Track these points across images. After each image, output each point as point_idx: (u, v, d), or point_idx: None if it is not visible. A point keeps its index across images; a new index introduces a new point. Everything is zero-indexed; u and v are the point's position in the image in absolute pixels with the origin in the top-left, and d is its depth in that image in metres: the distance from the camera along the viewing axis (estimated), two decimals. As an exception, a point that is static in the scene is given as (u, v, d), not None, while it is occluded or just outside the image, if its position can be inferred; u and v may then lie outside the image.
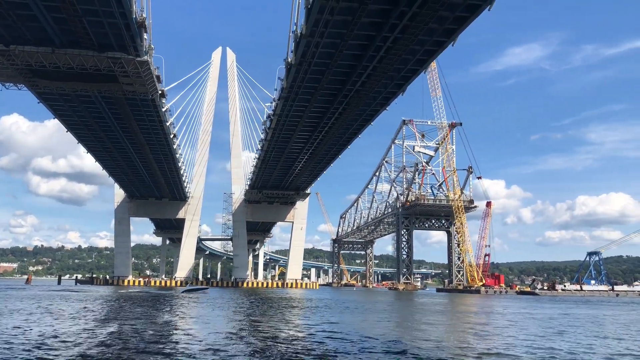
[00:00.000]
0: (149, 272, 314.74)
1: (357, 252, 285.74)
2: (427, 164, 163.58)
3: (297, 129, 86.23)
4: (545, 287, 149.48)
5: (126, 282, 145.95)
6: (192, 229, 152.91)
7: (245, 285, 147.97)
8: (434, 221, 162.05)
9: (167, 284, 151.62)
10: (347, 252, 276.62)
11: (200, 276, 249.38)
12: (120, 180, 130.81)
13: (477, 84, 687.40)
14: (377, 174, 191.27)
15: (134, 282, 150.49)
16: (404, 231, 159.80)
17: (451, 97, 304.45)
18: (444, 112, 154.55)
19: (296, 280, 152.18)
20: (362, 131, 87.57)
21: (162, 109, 78.83)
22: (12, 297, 66.14)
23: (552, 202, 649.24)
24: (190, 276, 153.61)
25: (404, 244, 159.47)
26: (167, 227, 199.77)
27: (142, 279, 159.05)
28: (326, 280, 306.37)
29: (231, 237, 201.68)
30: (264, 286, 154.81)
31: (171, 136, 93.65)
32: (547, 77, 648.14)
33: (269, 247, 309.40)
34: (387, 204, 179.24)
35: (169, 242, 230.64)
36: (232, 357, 20.10)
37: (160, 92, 70.47)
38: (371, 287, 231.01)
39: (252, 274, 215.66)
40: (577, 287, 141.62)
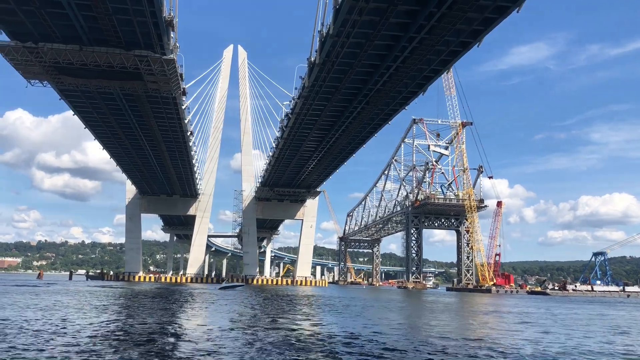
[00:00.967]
0: (152, 268, 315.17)
1: (361, 251, 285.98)
2: (437, 162, 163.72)
3: (314, 127, 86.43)
4: (556, 287, 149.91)
5: (137, 278, 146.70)
6: (202, 226, 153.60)
7: (255, 282, 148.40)
8: (443, 220, 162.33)
9: (177, 280, 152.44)
10: (350, 250, 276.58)
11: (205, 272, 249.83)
12: (133, 176, 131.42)
13: (481, 83, 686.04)
14: (385, 172, 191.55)
15: (144, 278, 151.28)
16: (414, 230, 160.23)
17: (465, 96, 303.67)
18: (458, 112, 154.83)
19: (305, 277, 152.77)
20: (379, 130, 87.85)
21: (182, 107, 79.36)
22: (50, 293, 67.44)
23: (555, 202, 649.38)
24: (200, 272, 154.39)
25: (414, 242, 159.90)
26: (176, 223, 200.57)
27: (152, 275, 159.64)
28: (330, 278, 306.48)
29: (237, 234, 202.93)
30: (274, 283, 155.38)
31: (188, 134, 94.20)
32: (551, 77, 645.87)
33: (272, 245, 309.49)
34: (396, 202, 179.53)
35: (175, 238, 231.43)
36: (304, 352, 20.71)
37: (182, 90, 70.89)
38: (377, 285, 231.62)
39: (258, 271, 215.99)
40: (588, 287, 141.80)
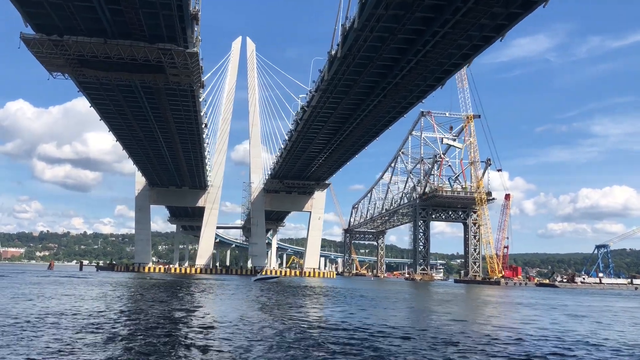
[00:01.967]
0: (154, 259, 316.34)
1: (364, 242, 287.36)
2: (444, 155, 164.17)
3: (329, 120, 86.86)
4: (564, 280, 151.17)
5: (146, 269, 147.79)
6: (211, 217, 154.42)
7: (263, 273, 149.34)
8: (450, 213, 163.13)
9: (187, 271, 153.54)
10: (354, 241, 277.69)
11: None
12: (143, 168, 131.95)
13: (482, 75, 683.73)
14: (392, 165, 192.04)
15: (154, 269, 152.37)
16: (421, 222, 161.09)
17: (476, 89, 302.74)
18: (470, 104, 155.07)
19: (314, 269, 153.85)
20: (394, 123, 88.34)
21: (200, 99, 79.79)
22: (80, 284, 68.47)
23: (555, 195, 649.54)
24: (209, 264, 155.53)
25: (421, 235, 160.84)
26: (182, 215, 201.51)
27: (162, 266, 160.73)
28: (334, 269, 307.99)
29: (243, 225, 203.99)
30: (283, 274, 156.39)
31: (202, 126, 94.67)
32: (552, 69, 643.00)
33: (276, 236, 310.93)
34: (403, 194, 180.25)
35: (181, 229, 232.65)
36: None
37: (201, 82, 71.30)
38: (382, 277, 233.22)
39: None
40: (597, 279, 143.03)
